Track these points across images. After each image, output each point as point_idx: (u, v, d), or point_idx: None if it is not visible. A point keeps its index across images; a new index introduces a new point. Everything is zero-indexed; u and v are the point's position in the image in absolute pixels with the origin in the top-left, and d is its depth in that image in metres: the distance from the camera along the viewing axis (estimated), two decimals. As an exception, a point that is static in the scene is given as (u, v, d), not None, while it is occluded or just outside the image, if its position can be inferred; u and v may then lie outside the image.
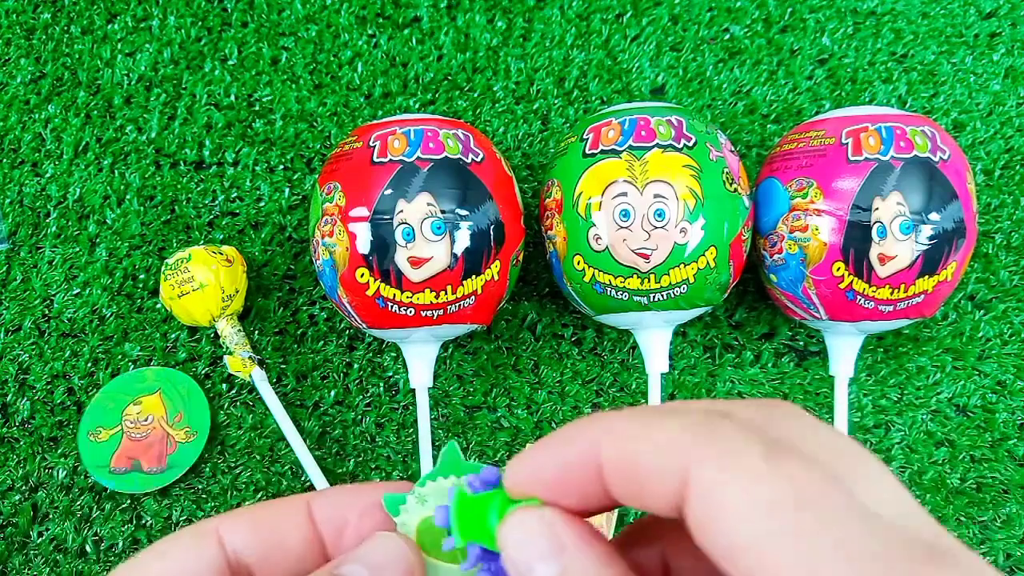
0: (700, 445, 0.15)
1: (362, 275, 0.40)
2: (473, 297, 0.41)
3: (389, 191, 0.39)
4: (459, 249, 0.39)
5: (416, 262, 0.39)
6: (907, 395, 0.48)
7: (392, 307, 0.40)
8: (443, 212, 0.39)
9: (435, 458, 0.20)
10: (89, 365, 0.48)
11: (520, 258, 0.44)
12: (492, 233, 0.40)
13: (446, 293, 0.40)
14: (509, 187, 0.43)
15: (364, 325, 0.42)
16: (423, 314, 0.40)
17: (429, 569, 0.20)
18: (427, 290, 0.40)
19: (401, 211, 0.39)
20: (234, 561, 0.20)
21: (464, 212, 0.39)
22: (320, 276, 0.43)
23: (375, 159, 0.40)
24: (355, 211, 0.39)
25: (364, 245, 0.39)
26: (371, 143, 0.40)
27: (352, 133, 0.43)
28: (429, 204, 0.39)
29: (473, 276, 0.40)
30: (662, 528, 0.20)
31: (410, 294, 0.40)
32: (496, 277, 0.41)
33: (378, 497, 0.21)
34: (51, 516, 0.46)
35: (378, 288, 0.40)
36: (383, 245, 0.39)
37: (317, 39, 0.54)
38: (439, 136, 0.41)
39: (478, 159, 0.41)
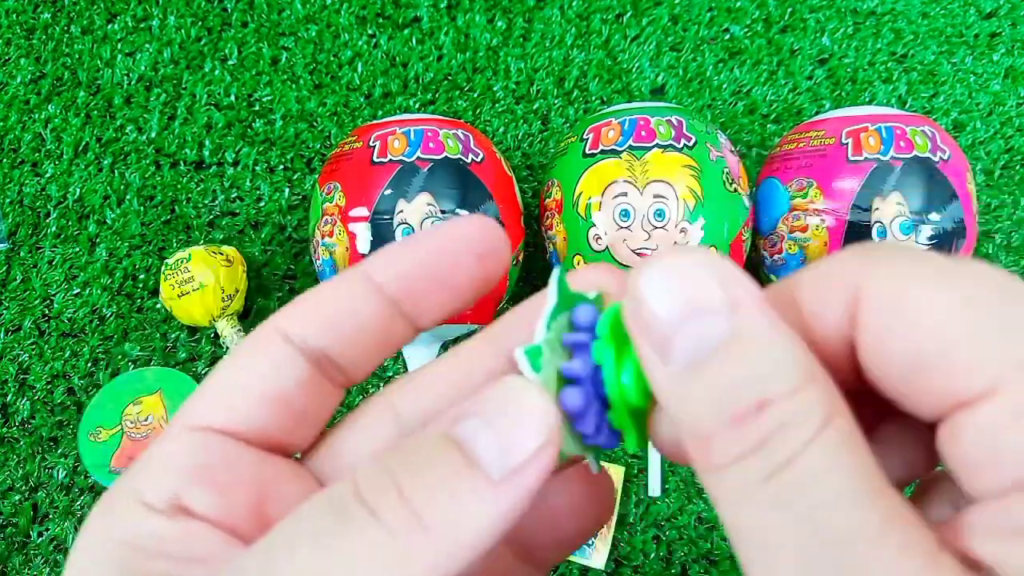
0: (872, 262, 0.13)
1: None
2: (473, 297, 0.41)
3: (389, 191, 0.39)
4: None
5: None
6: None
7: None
8: (443, 212, 0.39)
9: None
10: (89, 365, 0.48)
11: (520, 258, 0.44)
12: (492, 233, 0.40)
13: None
14: (509, 187, 0.42)
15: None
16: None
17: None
18: None
19: (401, 211, 0.39)
20: (310, 352, 0.16)
21: (464, 212, 0.39)
22: (320, 276, 0.43)
23: (375, 159, 0.40)
24: (355, 211, 0.39)
25: (364, 245, 0.39)
26: (371, 143, 0.40)
27: (352, 133, 0.43)
28: (429, 204, 0.39)
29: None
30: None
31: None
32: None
33: (438, 245, 0.16)
34: (51, 516, 0.46)
35: (378, 288, 0.40)
36: (383, 245, 0.39)
37: (317, 39, 0.54)
38: (439, 136, 0.41)
39: (478, 159, 0.41)
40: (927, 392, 0.12)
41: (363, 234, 0.39)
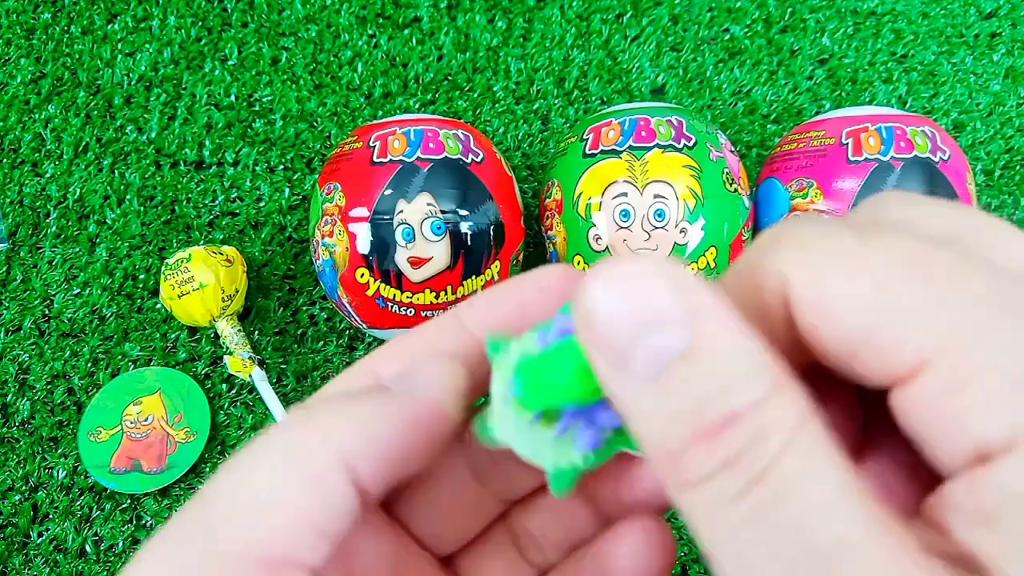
0: (791, 255, 0.13)
1: (362, 275, 0.40)
2: (473, 297, 0.41)
3: (389, 191, 0.39)
4: (459, 249, 0.39)
5: (416, 262, 0.39)
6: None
7: (392, 307, 0.40)
8: (443, 212, 0.39)
9: None
10: (89, 365, 0.48)
11: (520, 258, 0.44)
12: (492, 233, 0.40)
13: (446, 293, 0.40)
14: (509, 187, 0.43)
15: (364, 325, 0.42)
16: (423, 314, 0.40)
17: (522, 432, 0.15)
18: (427, 290, 0.40)
19: (401, 211, 0.39)
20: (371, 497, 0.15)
21: (464, 212, 0.39)
22: (320, 276, 0.43)
23: (375, 159, 0.40)
24: (355, 211, 0.39)
25: (364, 245, 0.39)
26: (371, 143, 0.40)
27: (352, 133, 0.43)
28: (429, 204, 0.39)
29: (473, 276, 0.40)
30: None
31: (410, 294, 0.40)
32: (496, 277, 0.41)
33: (527, 295, 0.17)
34: (51, 516, 0.46)
35: (378, 288, 0.40)
36: (383, 245, 0.39)
37: (317, 39, 0.54)
38: (439, 136, 0.41)
39: (478, 159, 0.41)
40: (867, 371, 0.13)
41: (363, 234, 0.39)
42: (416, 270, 0.39)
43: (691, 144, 0.40)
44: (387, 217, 0.39)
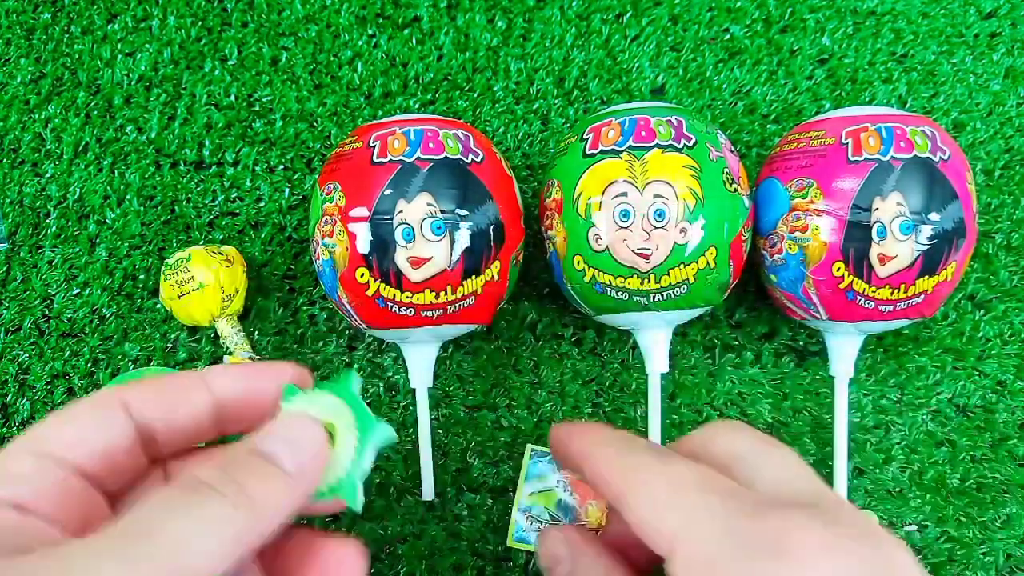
0: (613, 470, 0.23)
1: (362, 275, 0.40)
2: (473, 297, 0.41)
3: (389, 191, 0.39)
4: (459, 249, 0.39)
5: (416, 262, 0.39)
6: (907, 395, 0.48)
7: (392, 307, 0.40)
8: (443, 212, 0.39)
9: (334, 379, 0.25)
10: (89, 365, 0.48)
11: (520, 258, 0.44)
12: (492, 233, 0.40)
13: (446, 293, 0.40)
14: (509, 187, 0.42)
15: (364, 325, 0.42)
16: (423, 314, 0.40)
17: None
18: (427, 290, 0.40)
19: (401, 211, 0.39)
20: (140, 426, 0.22)
21: (464, 212, 0.39)
22: (320, 276, 0.43)
23: (375, 159, 0.40)
24: (355, 211, 0.39)
25: (364, 245, 0.39)
26: (371, 143, 0.40)
27: (352, 133, 0.43)
28: (429, 204, 0.39)
29: (473, 276, 0.40)
30: None
31: (410, 294, 0.40)
32: (496, 277, 0.41)
33: (269, 382, 0.24)
34: (51, 516, 0.46)
35: (378, 288, 0.40)
36: (383, 245, 0.39)
37: (317, 39, 0.54)
38: (439, 136, 0.41)
39: (478, 159, 0.41)
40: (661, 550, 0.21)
41: (363, 234, 0.39)
42: (416, 270, 0.39)
43: (691, 144, 0.40)
44: (387, 217, 0.39)
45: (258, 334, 0.49)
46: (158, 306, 0.49)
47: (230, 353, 0.46)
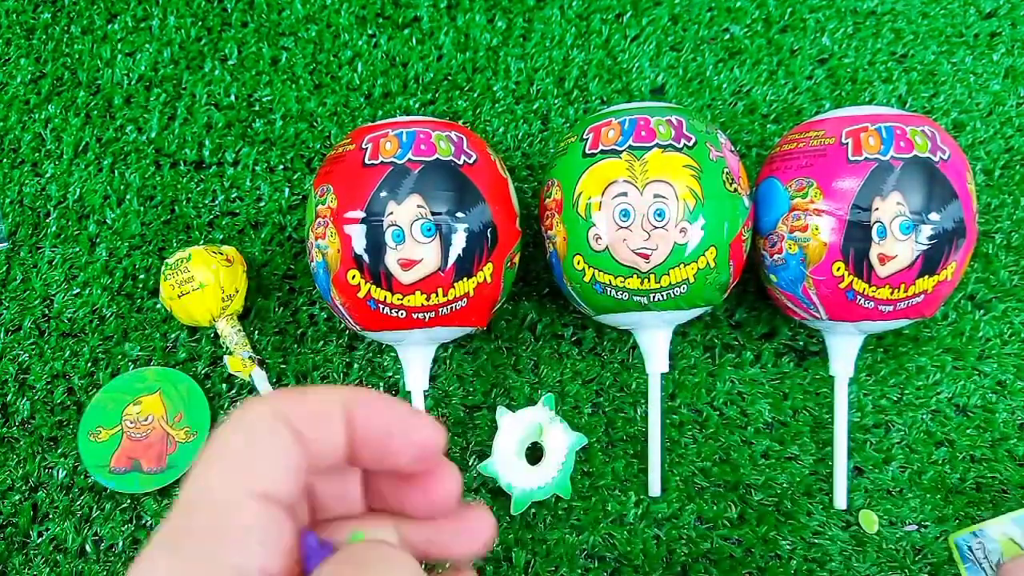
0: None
1: (353, 277, 0.40)
2: (465, 299, 0.41)
3: (381, 193, 0.39)
4: (450, 251, 0.39)
5: (406, 264, 0.39)
6: (907, 395, 0.48)
7: (383, 309, 0.40)
8: (433, 214, 0.39)
9: None
10: (89, 365, 0.48)
11: (515, 260, 0.44)
12: (484, 235, 0.40)
13: (436, 295, 0.40)
14: (503, 189, 0.42)
15: (358, 327, 0.42)
16: (414, 316, 0.40)
17: None
18: (417, 292, 0.39)
19: (391, 213, 0.39)
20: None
21: (455, 214, 0.39)
22: (315, 278, 0.43)
23: (367, 161, 0.40)
24: (348, 213, 0.39)
25: (355, 247, 0.39)
26: (363, 145, 0.40)
27: (347, 136, 0.43)
28: (419, 206, 0.39)
29: (465, 278, 0.40)
30: None
31: (400, 296, 0.40)
32: (489, 279, 0.41)
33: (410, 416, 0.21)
34: (51, 516, 0.46)
35: (369, 290, 0.40)
36: (374, 247, 0.39)
37: (317, 39, 0.54)
38: (431, 138, 0.40)
39: (471, 161, 0.41)
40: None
41: (355, 236, 0.39)
42: (406, 272, 0.39)
43: (691, 144, 0.40)
44: (378, 219, 0.39)
45: (258, 334, 0.49)
46: (158, 306, 0.49)
47: (230, 353, 0.46)
